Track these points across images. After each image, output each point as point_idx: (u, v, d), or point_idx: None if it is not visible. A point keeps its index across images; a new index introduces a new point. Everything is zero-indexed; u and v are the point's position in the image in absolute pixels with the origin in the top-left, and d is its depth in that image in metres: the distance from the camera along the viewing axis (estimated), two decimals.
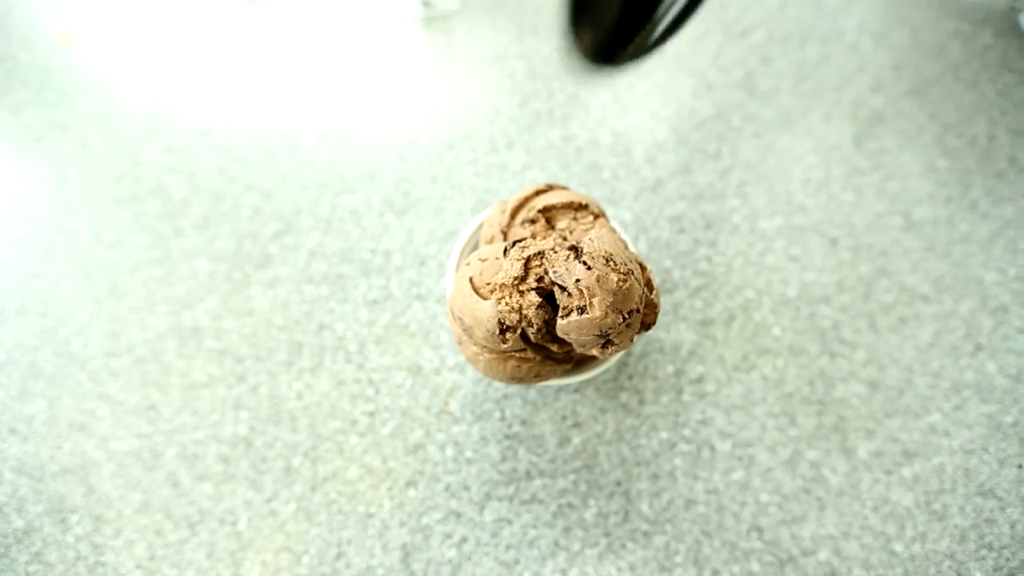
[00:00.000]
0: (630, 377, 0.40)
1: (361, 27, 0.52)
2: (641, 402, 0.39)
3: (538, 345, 0.25)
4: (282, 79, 0.50)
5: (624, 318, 0.22)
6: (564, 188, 0.31)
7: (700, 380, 0.40)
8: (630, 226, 0.44)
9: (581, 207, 0.28)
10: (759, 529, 0.36)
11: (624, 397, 0.39)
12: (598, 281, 0.22)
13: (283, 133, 0.48)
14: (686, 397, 0.40)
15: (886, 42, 0.52)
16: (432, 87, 0.50)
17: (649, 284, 0.25)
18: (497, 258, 0.24)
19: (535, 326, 0.24)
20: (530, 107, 0.49)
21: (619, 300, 0.22)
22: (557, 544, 0.36)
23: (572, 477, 0.37)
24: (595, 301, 0.22)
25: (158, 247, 0.43)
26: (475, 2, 0.53)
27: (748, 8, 0.53)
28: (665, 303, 0.42)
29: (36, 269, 0.42)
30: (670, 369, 0.40)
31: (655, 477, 0.38)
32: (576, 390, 0.39)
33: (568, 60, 0.30)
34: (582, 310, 0.22)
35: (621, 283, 0.22)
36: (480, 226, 0.32)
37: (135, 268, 0.43)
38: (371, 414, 0.39)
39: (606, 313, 0.22)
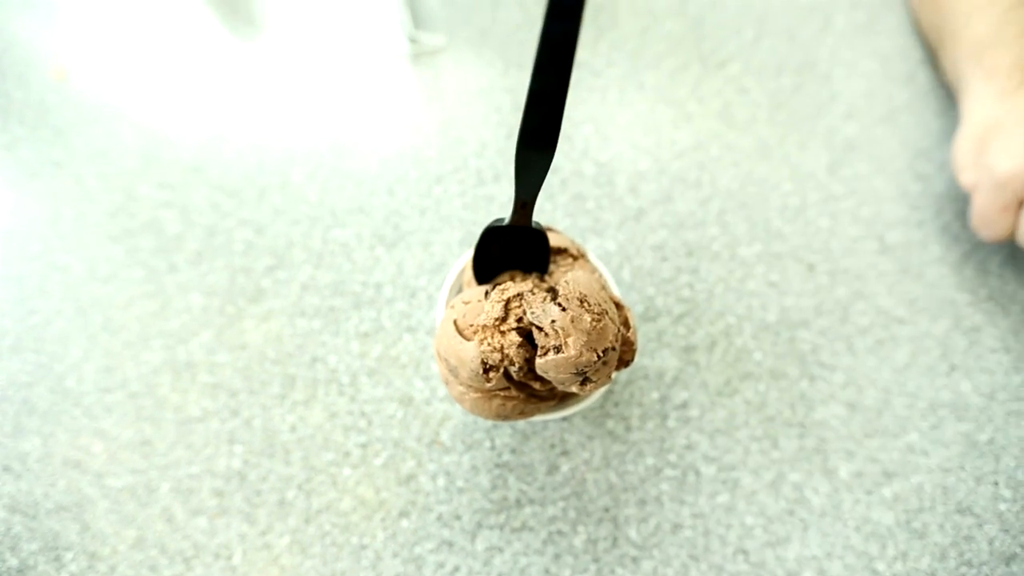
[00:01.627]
0: (616, 404, 0.41)
1: (350, 64, 0.54)
2: (627, 429, 0.40)
3: (521, 383, 0.26)
4: (273, 114, 0.51)
5: (599, 356, 0.24)
6: (547, 230, 0.33)
7: (684, 406, 0.41)
8: (614, 255, 0.46)
9: (560, 251, 0.30)
10: (745, 552, 0.37)
11: (611, 424, 0.40)
12: (572, 322, 0.23)
13: (275, 168, 0.49)
14: (671, 423, 0.41)
15: (858, 71, 0.55)
16: (420, 121, 0.51)
17: (626, 323, 0.26)
18: (479, 301, 0.25)
19: (517, 364, 0.25)
20: (516, 140, 0.50)
21: (593, 339, 0.23)
22: (548, 571, 0.36)
23: (561, 504, 0.38)
24: (570, 341, 0.23)
25: (152, 282, 0.44)
26: (461, 38, 0.55)
27: (724, 40, 0.55)
28: (649, 330, 0.43)
29: (30, 306, 0.43)
30: (655, 395, 0.41)
31: (642, 502, 0.38)
32: (564, 419, 0.40)
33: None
34: (558, 349, 0.23)
35: (595, 323, 0.23)
36: (463, 270, 0.33)
37: (129, 303, 0.43)
38: (364, 445, 0.39)
39: (581, 352, 0.23)
